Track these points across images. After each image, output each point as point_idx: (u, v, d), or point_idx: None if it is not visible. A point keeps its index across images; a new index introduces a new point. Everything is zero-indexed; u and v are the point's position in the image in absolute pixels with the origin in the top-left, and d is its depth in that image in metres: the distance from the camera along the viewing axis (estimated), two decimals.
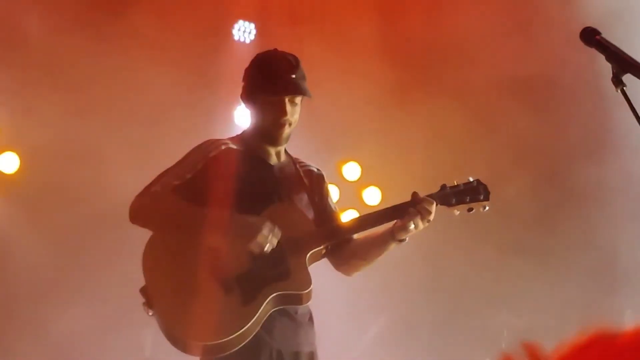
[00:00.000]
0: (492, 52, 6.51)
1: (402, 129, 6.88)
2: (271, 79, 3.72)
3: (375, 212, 3.84)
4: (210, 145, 3.76)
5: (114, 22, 6.18)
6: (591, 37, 2.88)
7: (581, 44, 2.88)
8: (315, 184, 3.92)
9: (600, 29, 2.89)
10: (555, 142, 6.64)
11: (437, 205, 3.70)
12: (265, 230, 3.58)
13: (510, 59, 6.50)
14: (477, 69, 6.64)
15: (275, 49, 3.88)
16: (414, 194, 3.71)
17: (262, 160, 3.81)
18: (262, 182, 3.76)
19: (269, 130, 3.76)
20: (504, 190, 5.97)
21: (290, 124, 3.75)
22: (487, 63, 6.54)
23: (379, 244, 3.77)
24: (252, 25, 6.86)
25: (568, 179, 6.50)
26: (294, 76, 3.72)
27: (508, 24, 6.51)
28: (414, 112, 6.95)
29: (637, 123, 2.72)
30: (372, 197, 6.96)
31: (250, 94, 3.79)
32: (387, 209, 3.77)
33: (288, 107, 3.72)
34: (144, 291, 3.60)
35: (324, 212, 3.88)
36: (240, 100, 3.87)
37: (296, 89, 3.71)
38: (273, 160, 3.84)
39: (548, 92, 6.53)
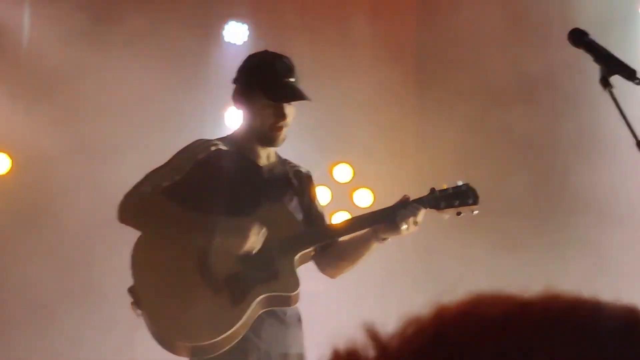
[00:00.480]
0: (487, 53, 6.50)
1: (394, 131, 6.87)
2: (271, 84, 3.70)
3: (365, 214, 3.86)
4: (198, 146, 3.75)
5: (104, 23, 6.17)
6: (580, 38, 2.89)
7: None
8: (303, 185, 3.92)
9: (600, 31, 2.90)
10: (551, 142, 6.63)
11: (426, 209, 3.71)
12: (252, 234, 3.58)
13: (505, 61, 6.48)
14: (470, 71, 6.63)
15: (267, 51, 3.87)
16: (404, 197, 3.73)
17: (251, 162, 3.81)
18: (251, 184, 3.76)
19: (265, 133, 3.74)
20: (499, 190, 5.96)
21: (287, 126, 3.76)
22: (481, 65, 6.53)
23: (362, 244, 3.77)
24: (245, 26, 6.83)
25: (564, 178, 6.49)
26: (292, 80, 3.72)
27: (506, 24, 6.50)
28: (406, 113, 6.94)
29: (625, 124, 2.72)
30: (364, 199, 6.93)
31: (247, 97, 3.77)
32: (376, 211, 3.78)
33: (286, 109, 3.72)
34: (132, 291, 3.60)
35: (311, 214, 3.89)
36: (233, 101, 3.85)
37: (298, 95, 3.71)
38: (262, 161, 3.83)
39: (545, 92, 6.51)
